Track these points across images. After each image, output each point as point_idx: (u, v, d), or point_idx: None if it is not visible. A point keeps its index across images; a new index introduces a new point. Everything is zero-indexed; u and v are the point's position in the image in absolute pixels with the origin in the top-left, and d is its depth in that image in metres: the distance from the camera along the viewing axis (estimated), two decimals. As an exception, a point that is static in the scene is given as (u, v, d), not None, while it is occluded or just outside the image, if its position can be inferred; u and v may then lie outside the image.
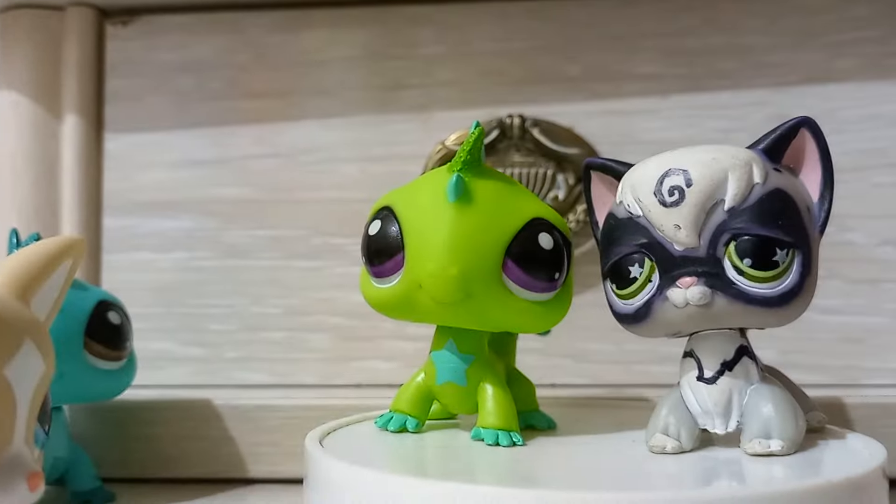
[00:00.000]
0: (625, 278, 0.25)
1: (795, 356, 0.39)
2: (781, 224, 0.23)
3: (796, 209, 0.24)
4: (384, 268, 0.26)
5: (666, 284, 0.24)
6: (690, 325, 0.25)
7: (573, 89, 0.42)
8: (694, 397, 0.25)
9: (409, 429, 0.28)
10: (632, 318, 0.25)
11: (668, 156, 0.25)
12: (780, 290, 0.23)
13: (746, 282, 0.23)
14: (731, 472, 0.23)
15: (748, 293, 0.23)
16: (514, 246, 0.25)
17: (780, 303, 0.23)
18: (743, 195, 0.23)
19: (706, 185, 0.23)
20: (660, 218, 0.24)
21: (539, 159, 0.41)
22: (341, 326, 0.42)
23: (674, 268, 0.24)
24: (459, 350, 0.27)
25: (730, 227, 0.23)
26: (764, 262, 0.23)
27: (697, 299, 0.24)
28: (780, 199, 0.24)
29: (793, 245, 0.23)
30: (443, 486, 0.21)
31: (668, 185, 0.24)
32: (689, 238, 0.24)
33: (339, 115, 0.43)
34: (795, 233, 0.24)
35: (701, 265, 0.24)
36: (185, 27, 0.44)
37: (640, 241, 0.24)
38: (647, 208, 0.24)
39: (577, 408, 0.34)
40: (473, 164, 0.26)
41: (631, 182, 0.25)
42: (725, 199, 0.23)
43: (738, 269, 0.23)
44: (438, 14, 0.43)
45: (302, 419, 0.36)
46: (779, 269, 0.23)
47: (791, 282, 0.23)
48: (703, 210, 0.24)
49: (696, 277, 0.24)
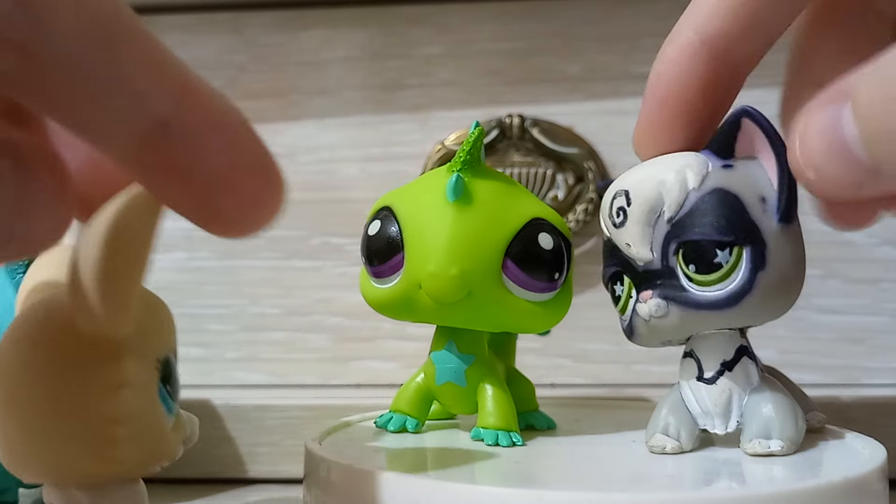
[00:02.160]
0: (613, 296, 0.26)
1: (795, 356, 0.39)
2: (718, 224, 0.23)
3: (740, 205, 0.23)
4: (384, 268, 0.26)
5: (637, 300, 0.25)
6: (662, 337, 0.25)
7: (573, 89, 0.42)
8: (694, 397, 0.25)
9: (408, 429, 0.28)
10: (627, 333, 0.26)
11: (621, 177, 0.25)
12: (728, 290, 0.23)
13: (696, 287, 0.23)
14: (731, 473, 0.23)
15: (698, 299, 0.23)
16: (513, 246, 0.25)
17: (728, 304, 0.23)
18: (678, 203, 0.23)
19: (643, 202, 0.24)
20: (616, 238, 0.25)
21: (538, 159, 0.41)
22: (341, 326, 0.42)
23: (641, 283, 0.24)
24: (459, 350, 0.27)
25: (674, 236, 0.24)
26: (706, 265, 0.23)
27: (654, 311, 0.24)
28: (719, 198, 0.23)
29: (735, 242, 0.23)
30: (443, 486, 0.21)
31: (615, 208, 0.25)
32: (641, 253, 0.24)
33: (339, 115, 0.43)
34: (738, 230, 0.23)
35: (659, 277, 0.24)
36: (184, 27, 0.44)
37: (615, 261, 0.25)
38: (608, 230, 0.25)
39: (577, 408, 0.34)
40: (473, 164, 0.26)
41: (601, 206, 0.26)
42: (665, 210, 0.24)
43: (688, 276, 0.24)
44: (437, 14, 0.43)
45: (301, 419, 0.36)
46: (723, 270, 0.23)
47: (740, 281, 0.23)
48: (647, 225, 0.24)
49: (652, 290, 0.24)
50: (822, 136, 0.19)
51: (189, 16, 0.44)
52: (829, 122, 0.19)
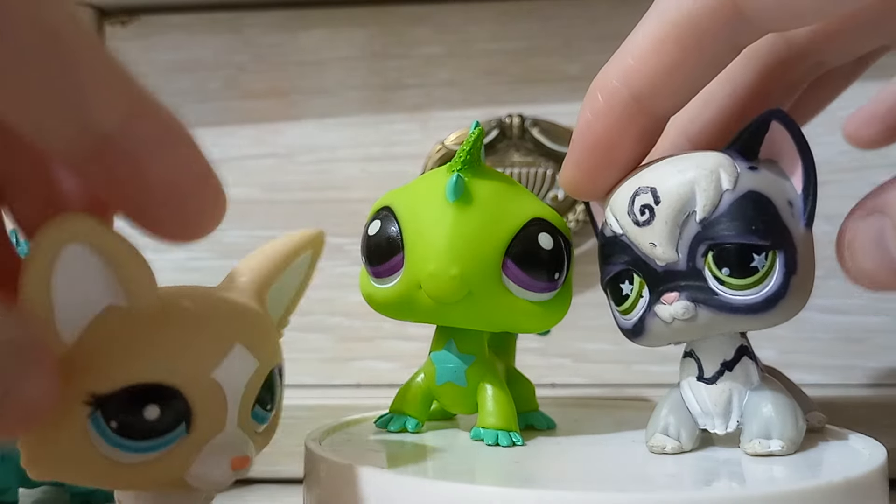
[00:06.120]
0: (618, 295, 0.25)
1: (795, 356, 0.39)
2: (756, 228, 0.23)
3: (773, 208, 0.23)
4: (384, 268, 0.26)
5: (654, 300, 0.24)
6: (682, 337, 0.25)
7: (573, 89, 0.42)
8: (694, 397, 0.25)
9: (408, 429, 0.28)
10: (632, 333, 0.25)
11: (640, 173, 0.24)
12: (764, 294, 0.23)
13: (728, 290, 0.23)
14: (731, 473, 0.23)
15: (731, 302, 0.23)
16: (513, 246, 0.25)
17: (765, 308, 0.23)
18: (713, 204, 0.23)
19: (674, 201, 0.23)
20: (636, 237, 0.24)
21: (538, 159, 0.41)
22: (341, 326, 0.42)
23: (659, 283, 0.24)
24: (459, 350, 0.27)
25: (705, 238, 0.23)
26: (742, 269, 0.23)
27: (681, 314, 0.23)
28: (753, 201, 0.23)
29: (771, 247, 0.23)
30: (443, 486, 0.21)
31: (638, 205, 0.24)
32: (667, 254, 0.24)
33: (339, 114, 0.43)
34: (773, 234, 0.23)
35: (683, 279, 0.23)
36: (183, 27, 0.44)
37: (625, 259, 0.24)
38: (625, 228, 0.24)
39: (577, 408, 0.34)
40: (473, 163, 0.26)
41: (610, 203, 0.25)
42: (696, 211, 0.23)
43: (719, 279, 0.23)
44: (437, 14, 0.43)
45: (301, 419, 0.36)
46: (759, 274, 0.23)
47: (774, 285, 0.23)
48: (675, 225, 0.23)
49: (678, 293, 0.23)
50: (871, 252, 0.22)
51: (189, 16, 0.44)
52: (874, 237, 0.22)
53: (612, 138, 0.24)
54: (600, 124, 0.24)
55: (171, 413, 0.18)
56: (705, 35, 0.22)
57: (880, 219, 0.21)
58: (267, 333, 0.21)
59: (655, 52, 0.23)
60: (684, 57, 0.23)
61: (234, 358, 0.19)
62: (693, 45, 0.23)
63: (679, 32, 0.23)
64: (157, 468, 0.19)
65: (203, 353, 0.19)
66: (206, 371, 0.19)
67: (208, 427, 0.19)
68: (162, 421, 0.18)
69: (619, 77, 0.24)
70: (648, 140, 0.25)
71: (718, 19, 0.22)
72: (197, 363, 0.19)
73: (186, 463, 0.19)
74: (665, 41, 0.23)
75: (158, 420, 0.18)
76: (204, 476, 0.19)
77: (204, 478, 0.19)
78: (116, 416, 0.18)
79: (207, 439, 0.19)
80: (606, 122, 0.24)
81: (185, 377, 0.19)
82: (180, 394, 0.18)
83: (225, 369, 0.19)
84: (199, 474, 0.19)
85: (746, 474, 0.23)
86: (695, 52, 0.23)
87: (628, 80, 0.23)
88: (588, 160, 0.25)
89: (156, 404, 0.18)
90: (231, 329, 0.20)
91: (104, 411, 0.18)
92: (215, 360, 0.19)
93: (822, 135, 0.32)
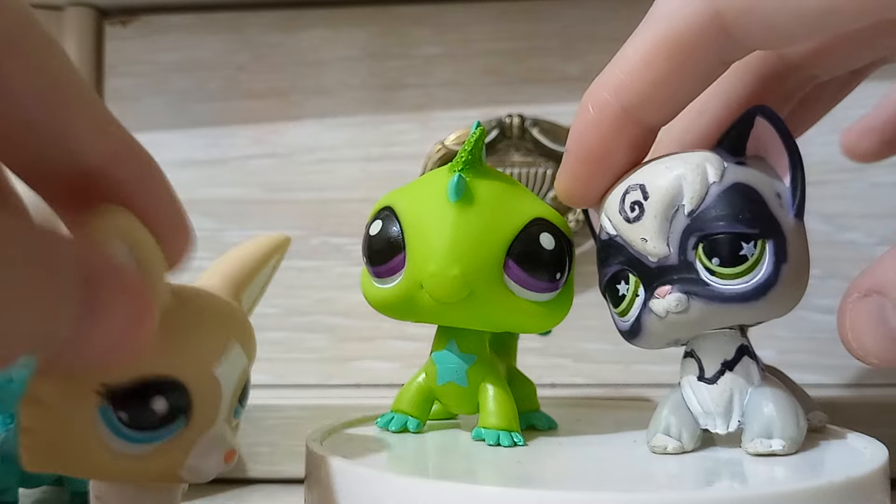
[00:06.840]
0: (615, 296, 0.25)
1: (795, 356, 0.39)
2: (743, 217, 0.23)
3: (760, 198, 0.24)
4: (385, 268, 0.26)
5: (649, 297, 0.24)
6: (678, 333, 0.25)
7: (573, 89, 0.42)
8: (695, 397, 0.25)
9: (410, 429, 0.28)
10: (629, 334, 0.25)
11: (631, 174, 0.25)
12: (755, 283, 0.23)
13: (719, 281, 0.23)
14: (733, 473, 0.23)
15: (723, 292, 0.23)
16: (515, 246, 0.25)
17: (755, 296, 0.23)
18: (700, 196, 0.23)
19: (662, 195, 0.24)
20: (628, 234, 0.24)
21: (539, 159, 0.41)
22: (341, 326, 0.42)
23: (653, 280, 0.24)
24: (461, 350, 0.27)
25: (694, 230, 0.23)
26: (732, 258, 0.23)
27: (674, 306, 0.24)
28: (740, 192, 0.23)
29: (759, 235, 0.23)
30: (444, 486, 0.21)
31: (628, 202, 0.24)
32: (658, 248, 0.24)
33: (339, 114, 0.43)
34: (761, 223, 0.23)
35: (676, 272, 0.24)
36: (183, 27, 0.44)
37: (620, 260, 0.25)
38: (617, 227, 0.25)
39: (578, 408, 0.34)
40: (474, 163, 0.26)
41: (604, 206, 0.26)
42: (685, 204, 0.24)
43: (710, 270, 0.23)
44: (437, 14, 0.43)
45: (301, 419, 0.36)
46: (748, 262, 0.23)
47: (765, 273, 0.23)
48: (664, 219, 0.24)
49: (671, 286, 0.24)
50: (875, 332, 0.22)
51: (189, 16, 0.44)
52: (876, 317, 0.22)
53: (604, 148, 0.25)
54: (592, 135, 0.25)
55: (174, 406, 0.19)
56: (693, 51, 0.23)
57: (879, 299, 0.22)
58: (252, 333, 0.22)
59: (645, 65, 0.23)
60: (673, 71, 0.23)
61: (232, 355, 0.20)
62: (681, 60, 0.23)
63: (668, 48, 0.23)
64: (154, 460, 0.19)
65: (208, 349, 0.20)
66: (209, 367, 0.20)
67: (203, 421, 0.20)
68: (167, 414, 0.19)
69: (610, 90, 0.24)
70: (639, 149, 0.25)
71: (706, 37, 0.23)
72: (202, 359, 0.20)
73: (183, 456, 0.19)
74: (654, 56, 0.23)
75: (164, 413, 0.19)
76: (199, 468, 0.20)
77: (199, 470, 0.20)
78: (125, 407, 0.19)
79: (201, 433, 0.20)
80: (598, 133, 0.25)
81: (191, 372, 0.19)
82: (185, 388, 0.19)
83: (224, 366, 0.20)
84: (194, 467, 0.20)
85: (748, 474, 0.23)
86: (683, 67, 0.23)
87: (619, 92, 0.24)
88: (581, 170, 0.25)
89: (163, 397, 0.19)
90: (230, 328, 0.21)
91: (114, 401, 0.18)
92: (217, 357, 0.20)
93: (822, 135, 0.32)
